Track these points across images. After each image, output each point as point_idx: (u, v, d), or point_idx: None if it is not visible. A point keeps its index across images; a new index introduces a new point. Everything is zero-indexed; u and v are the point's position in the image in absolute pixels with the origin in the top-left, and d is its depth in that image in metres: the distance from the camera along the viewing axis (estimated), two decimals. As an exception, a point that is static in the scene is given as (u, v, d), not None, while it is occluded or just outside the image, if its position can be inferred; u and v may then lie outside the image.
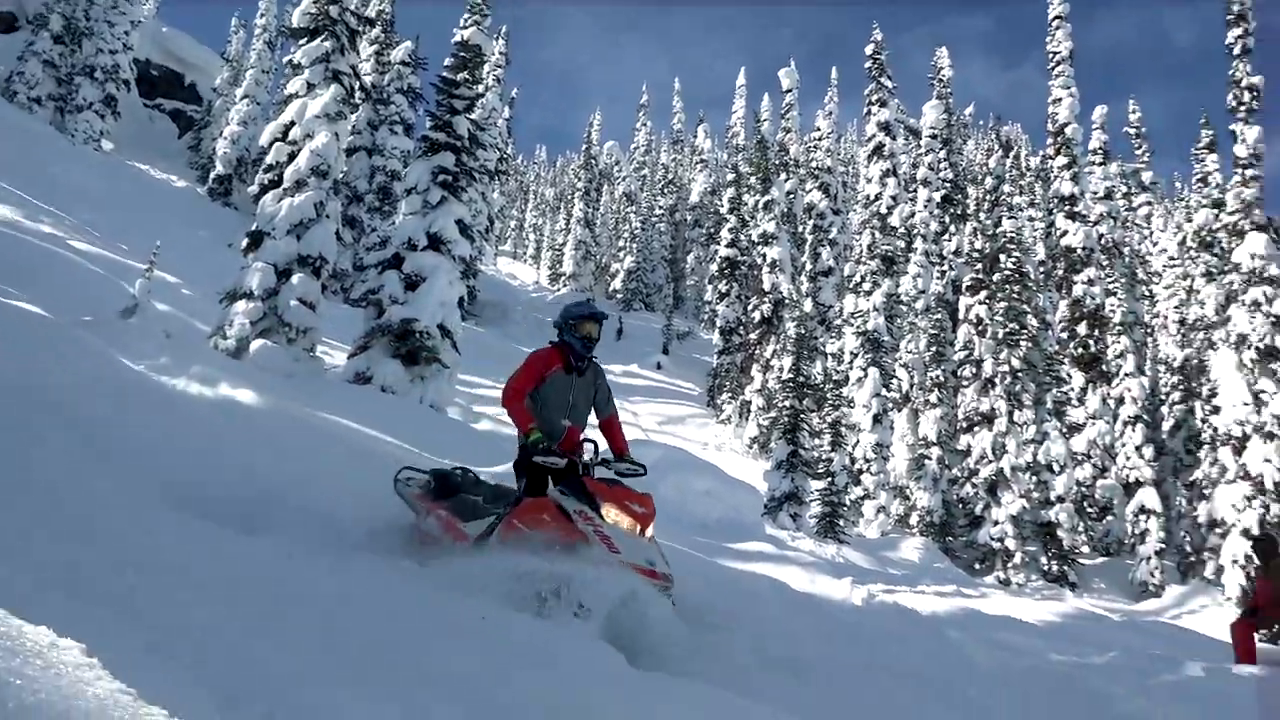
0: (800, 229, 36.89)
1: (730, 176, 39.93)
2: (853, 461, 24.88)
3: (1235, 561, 18.49)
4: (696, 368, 40.04)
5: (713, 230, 49.29)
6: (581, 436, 6.21)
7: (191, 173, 36.61)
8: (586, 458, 6.03)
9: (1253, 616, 10.47)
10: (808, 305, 32.03)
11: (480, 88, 23.24)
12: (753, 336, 33.89)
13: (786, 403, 22.61)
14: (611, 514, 5.49)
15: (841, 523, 20.49)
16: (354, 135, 29.46)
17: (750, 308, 34.85)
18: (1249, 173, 21.11)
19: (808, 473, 21.71)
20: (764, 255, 34.30)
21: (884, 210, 29.59)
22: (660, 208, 56.94)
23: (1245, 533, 18.21)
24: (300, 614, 3.68)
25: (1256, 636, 10.38)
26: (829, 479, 20.99)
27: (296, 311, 15.28)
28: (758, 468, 25.38)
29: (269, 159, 16.65)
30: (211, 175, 35.87)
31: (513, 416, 6.08)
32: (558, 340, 6.33)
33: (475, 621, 4.31)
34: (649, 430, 26.36)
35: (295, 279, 15.40)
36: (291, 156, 16.26)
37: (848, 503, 23.42)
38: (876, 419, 25.64)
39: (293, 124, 16.61)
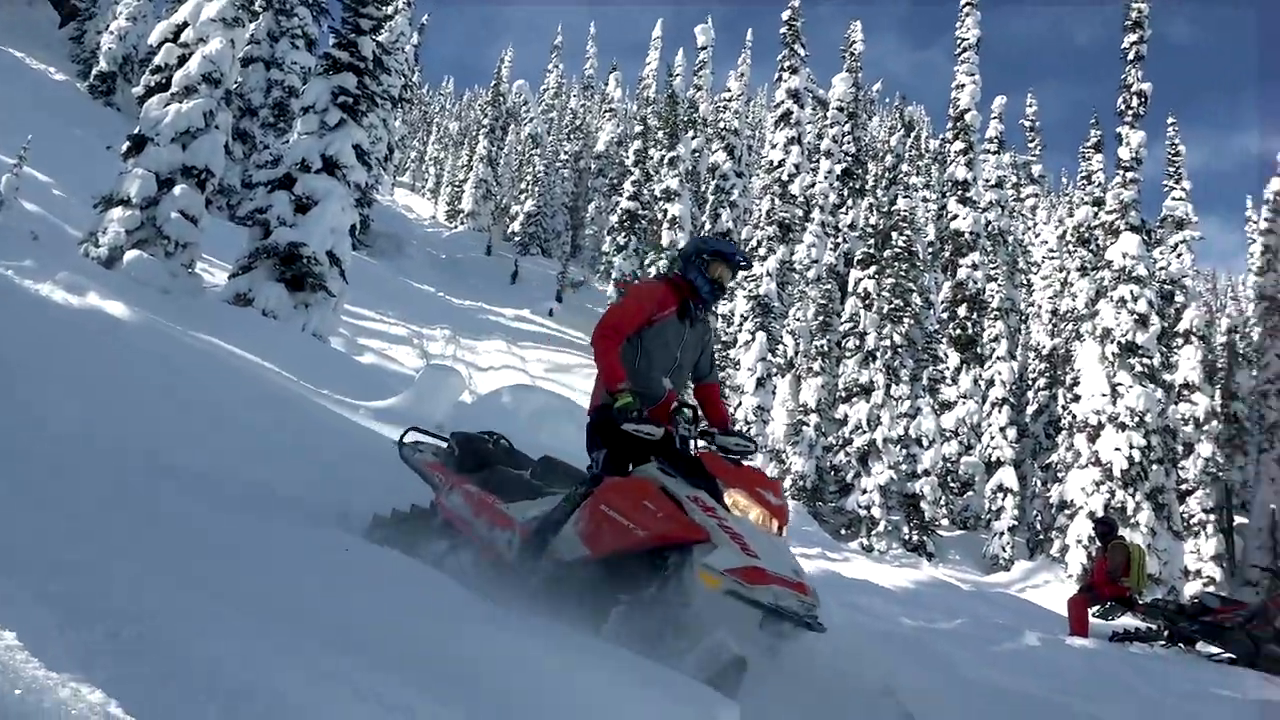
0: (703, 188, 37.03)
1: (638, 129, 39.77)
2: (733, 423, 25.35)
3: (1079, 541, 19.61)
4: (589, 317, 39.96)
5: (616, 181, 49.08)
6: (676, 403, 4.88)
7: (73, 66, 34.42)
8: (683, 429, 4.57)
9: (1088, 593, 11.17)
10: (703, 265, 32.28)
11: (389, 9, 22.47)
12: (647, 291, 33.99)
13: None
14: (739, 502, 4.12)
15: (717, 481, 20.92)
16: (252, 45, 28.10)
17: (647, 262, 34.92)
18: (1129, 175, 22.07)
19: (689, 430, 22.03)
20: (665, 211, 34.36)
21: (785, 178, 29.91)
22: (565, 153, 56.34)
23: (1091, 515, 19.29)
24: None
25: (1090, 611, 11.09)
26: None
27: (177, 224, 14.62)
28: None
29: (158, 60, 15.83)
30: (94, 71, 33.87)
31: (600, 363, 4.65)
32: (677, 275, 4.95)
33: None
34: (536, 377, 26.25)
35: (178, 190, 14.71)
36: (182, 60, 15.46)
37: (725, 462, 23.91)
38: (760, 383, 26.13)
39: (186, 25, 15.78)
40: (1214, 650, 9.66)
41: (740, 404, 25.94)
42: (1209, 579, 21.79)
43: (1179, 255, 26.40)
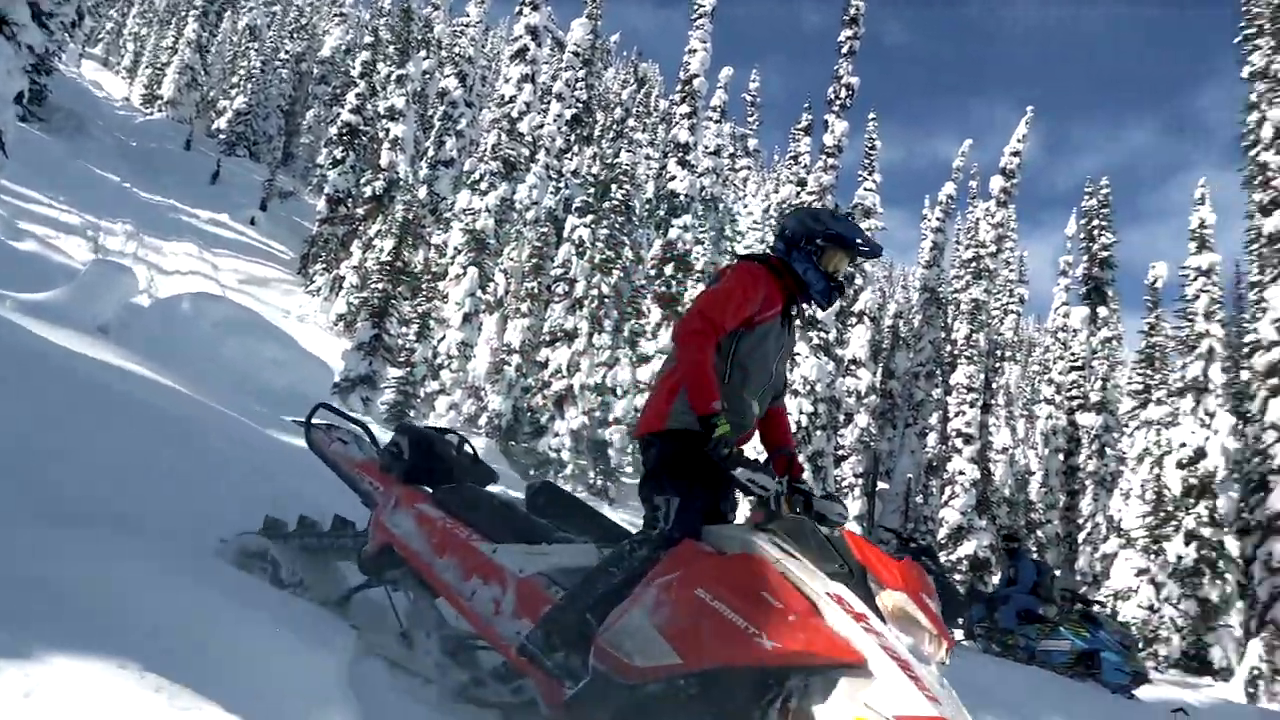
0: (430, 113, 35.86)
1: (368, 39, 37.75)
2: (435, 356, 24.98)
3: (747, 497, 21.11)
4: (294, 231, 37.79)
5: (339, 91, 46.40)
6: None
7: None
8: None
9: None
10: (422, 192, 31.34)
11: None
12: (360, 211, 32.61)
13: (380, 285, 22.10)
14: (902, 612, 2.86)
15: (412, 414, 20.55)
16: None
17: (363, 181, 33.44)
18: (830, 161, 23.73)
19: (388, 359, 21.47)
20: (387, 130, 32.98)
21: (515, 115, 29.56)
22: (287, 52, 52.48)
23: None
24: None
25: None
26: (409, 369, 20.92)
27: None
28: (339, 346, 24.61)
29: None
30: None
31: (688, 367, 3.32)
32: (776, 260, 3.63)
33: None
34: (227, 288, 24.48)
35: None
36: None
37: (422, 395, 23.55)
38: (467, 318, 25.87)
39: None
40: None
41: (445, 337, 25.57)
42: (878, 539, 24.17)
43: (863, 242, 28.77)
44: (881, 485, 28.88)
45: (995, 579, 23.49)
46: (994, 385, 33.00)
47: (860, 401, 26.57)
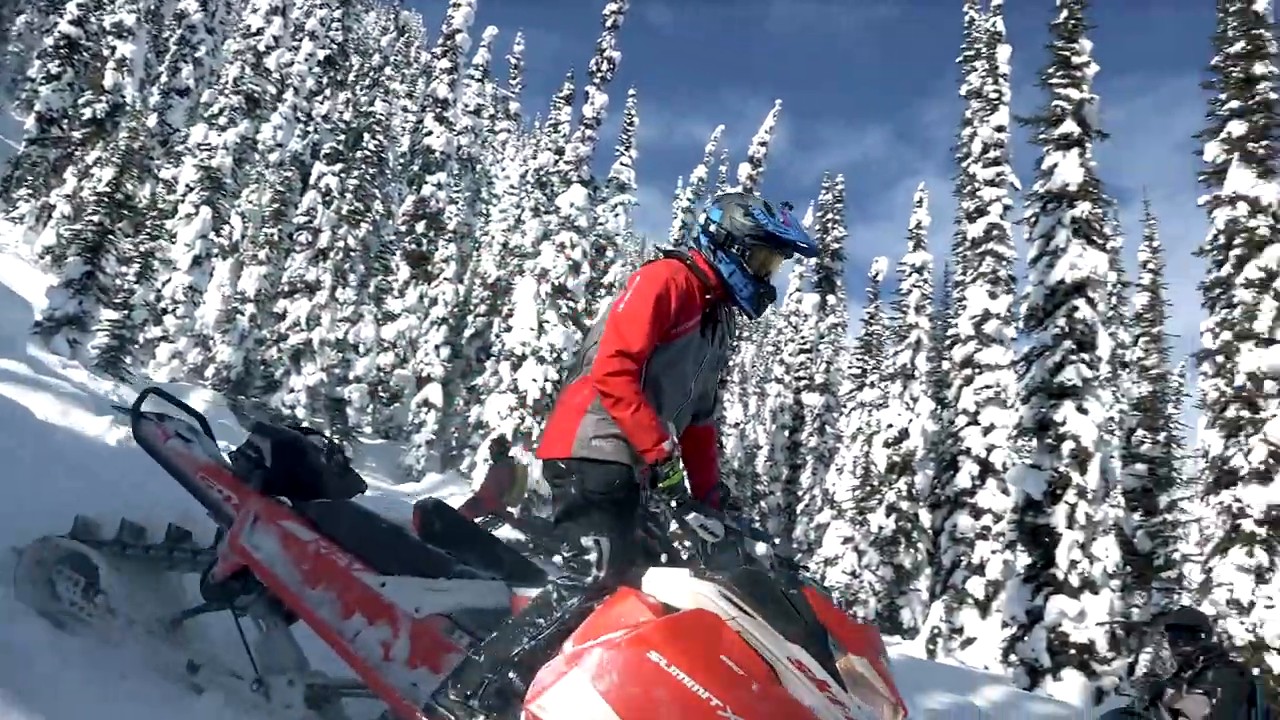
0: (165, 34, 32.96)
1: (96, -55, 34.10)
2: (159, 299, 23.12)
3: (485, 459, 21.08)
4: (-3, 150, 33.70)
5: (60, -1, 41.71)
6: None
7: None
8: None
9: (475, 505, 12.05)
10: (151, 120, 28.82)
11: None
12: (77, 135, 29.51)
13: (97, 218, 20.16)
14: (862, 678, 2.71)
15: (128, 360, 18.97)
16: None
17: (82, 101, 30.25)
18: (589, 132, 23.91)
19: (102, 299, 19.65)
20: (114, 49, 29.97)
21: (263, 48, 27.71)
22: (-3, -52, 46.55)
23: (499, 438, 20.85)
24: None
25: (477, 521, 11.98)
26: (126, 311, 19.27)
27: None
28: (44, 281, 22.23)
29: None
30: None
31: (621, 408, 2.93)
32: (697, 256, 3.23)
33: None
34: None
35: None
36: None
37: (141, 341, 21.76)
38: (197, 261, 24.05)
39: None
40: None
41: (170, 280, 23.70)
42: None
43: (616, 215, 29.28)
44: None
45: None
46: (732, 363, 34.69)
47: (604, 371, 27.14)
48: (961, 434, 20.17)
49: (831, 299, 32.39)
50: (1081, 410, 15.32)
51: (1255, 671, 12.10)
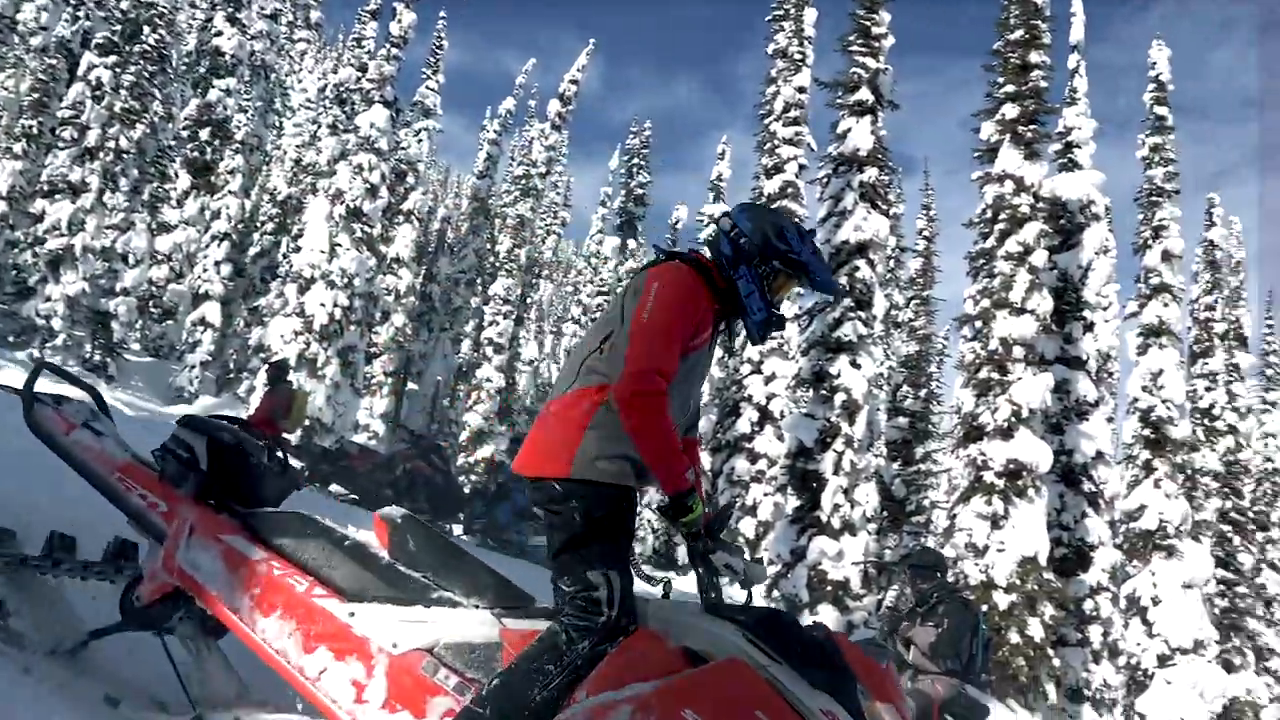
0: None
1: None
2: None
3: (263, 384, 20.17)
4: None
5: None
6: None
7: None
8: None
9: (246, 428, 11.52)
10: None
11: None
12: None
13: None
14: None
15: None
16: None
17: None
18: (395, 51, 22.94)
19: None
20: None
21: (27, -83, 24.86)
22: None
23: (279, 362, 20.00)
24: None
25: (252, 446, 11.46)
26: None
27: None
28: None
29: None
30: None
31: (648, 445, 2.64)
32: (712, 266, 2.95)
33: None
34: None
35: None
36: None
37: None
38: (-62, 149, 21.61)
39: None
40: (342, 490, 10.73)
41: (-96, 168, 21.13)
42: (374, 434, 24.20)
43: (420, 140, 28.40)
44: (411, 386, 29.11)
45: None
46: (529, 300, 34.57)
47: (399, 301, 26.43)
48: (745, 382, 21.00)
49: (632, 243, 32.76)
50: (854, 365, 16.25)
51: (984, 608, 13.42)
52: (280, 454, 3.37)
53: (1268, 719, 18.24)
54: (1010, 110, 15.84)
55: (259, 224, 26.68)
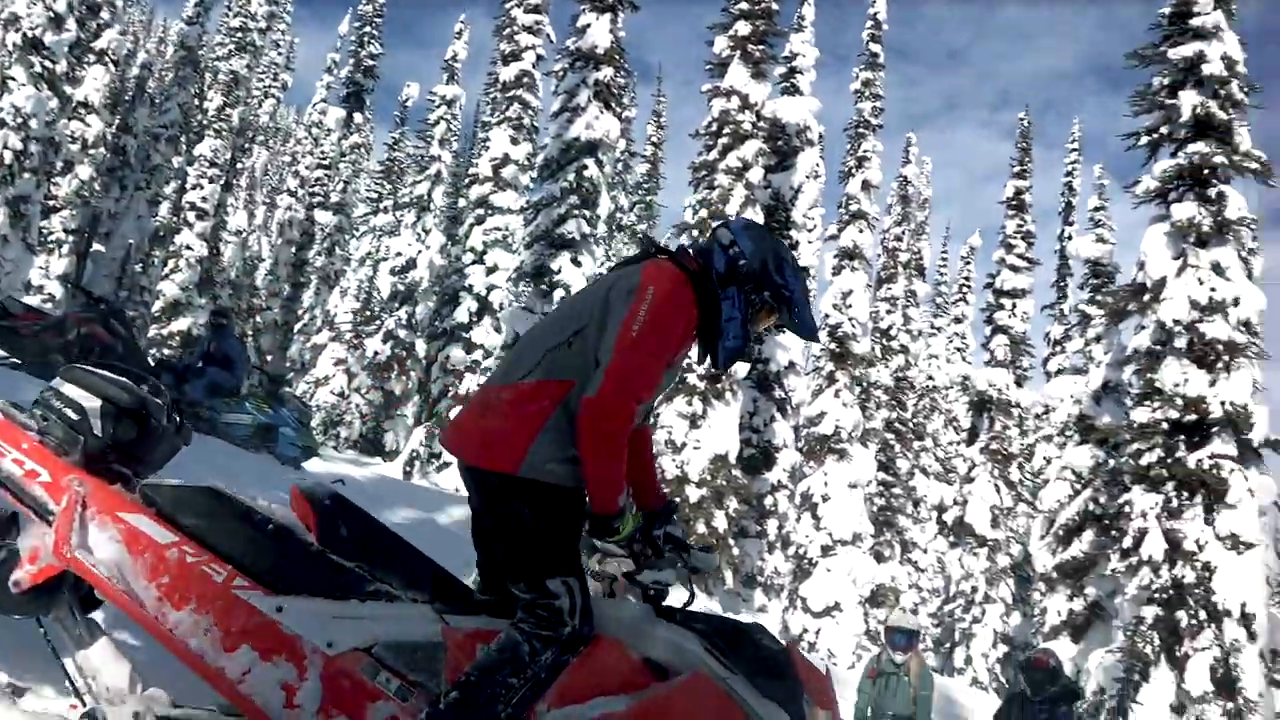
0: None
1: None
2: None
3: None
4: None
5: None
6: None
7: None
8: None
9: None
10: None
11: None
12: None
13: None
14: None
15: None
16: None
17: None
18: None
19: None
20: None
21: None
22: None
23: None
24: None
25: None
26: None
27: None
28: None
29: None
30: None
31: (599, 470, 2.48)
32: (700, 273, 2.71)
33: None
34: None
35: None
36: None
37: None
38: None
39: None
40: (3, 354, 9.64)
41: None
42: (50, 295, 21.88)
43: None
44: (98, 247, 26.38)
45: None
46: (239, 166, 32.15)
47: (86, 151, 23.68)
48: (466, 271, 20.79)
49: (359, 118, 31.11)
50: (575, 263, 16.52)
51: (677, 500, 14.34)
52: (177, 408, 2.89)
53: (905, 601, 20.91)
54: (743, 27, 16.32)
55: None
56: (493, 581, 2.71)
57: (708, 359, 2.78)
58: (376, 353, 21.98)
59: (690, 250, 2.81)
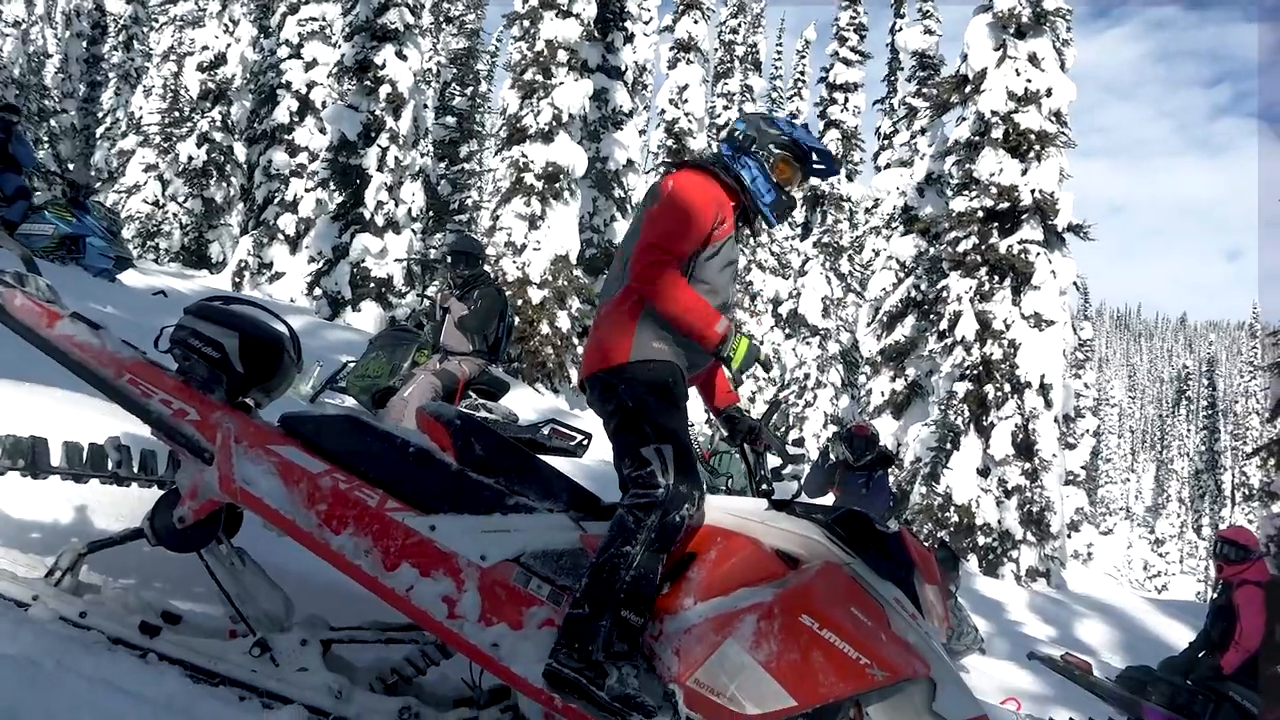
0: None
1: None
2: None
3: None
4: None
5: None
6: None
7: None
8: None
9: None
10: None
11: None
12: None
13: None
14: (935, 610, 2.77)
15: None
16: None
17: None
18: None
19: None
20: None
21: None
22: None
23: None
24: None
25: None
26: None
27: None
28: None
29: None
30: None
31: (669, 307, 2.74)
32: (724, 169, 2.98)
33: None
34: None
35: None
36: None
37: None
38: None
39: None
40: None
41: None
42: None
43: None
44: None
45: None
46: None
47: None
48: (283, 66, 19.37)
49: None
50: (401, 56, 15.62)
51: (518, 302, 14.35)
52: (297, 343, 2.97)
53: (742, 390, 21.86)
54: None
55: None
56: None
57: (767, 225, 3.14)
58: (191, 158, 20.47)
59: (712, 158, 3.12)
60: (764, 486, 3.00)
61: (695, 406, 3.50)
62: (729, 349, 2.76)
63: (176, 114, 21.46)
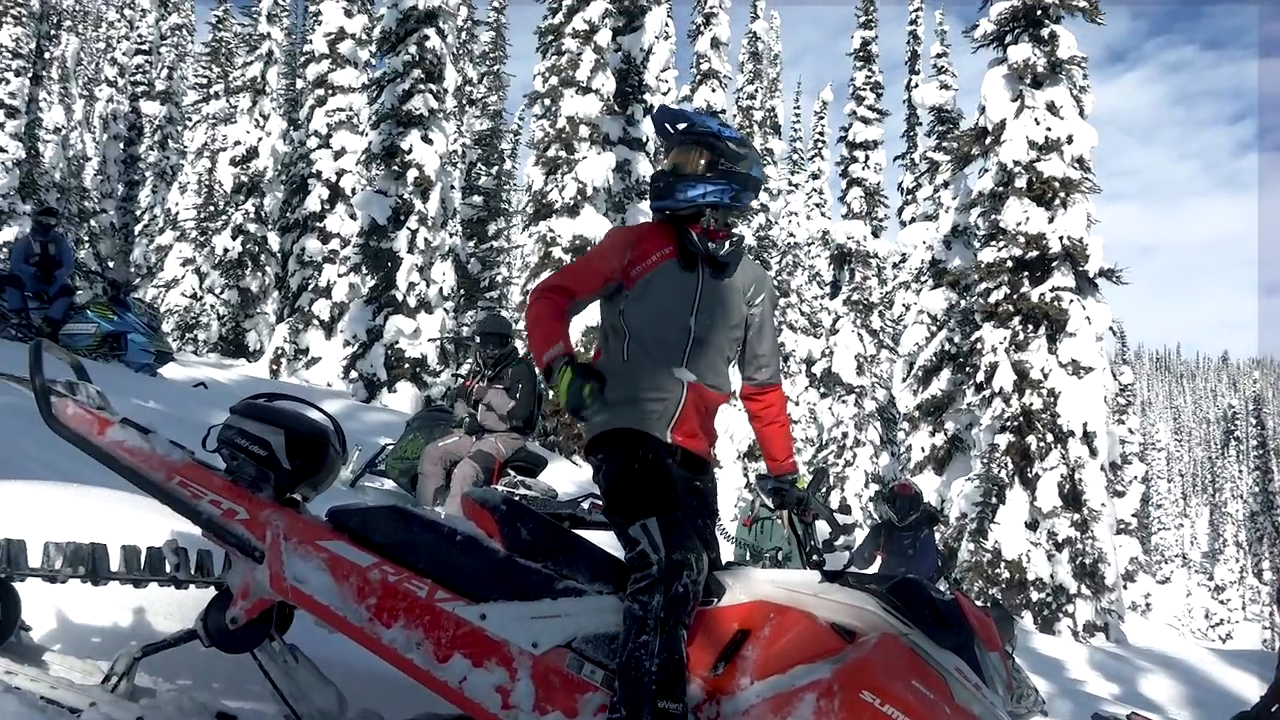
0: None
1: None
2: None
3: None
4: None
5: None
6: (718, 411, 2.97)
7: None
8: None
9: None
10: None
11: None
12: None
13: None
14: (997, 670, 2.67)
15: None
16: None
17: None
18: None
19: None
20: None
21: None
22: None
23: None
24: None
25: None
26: None
27: None
28: None
29: None
30: None
31: (527, 330, 2.75)
32: (658, 214, 2.90)
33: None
34: None
35: None
36: None
37: None
38: None
39: None
40: None
41: None
42: None
43: None
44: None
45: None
46: (48, 55, 29.52)
47: None
48: (313, 156, 19.84)
49: (175, -6, 28.87)
50: (426, 140, 15.94)
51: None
52: (340, 436, 2.95)
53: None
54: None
55: None
56: None
57: (740, 207, 2.93)
58: (226, 250, 20.95)
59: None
60: (815, 558, 2.90)
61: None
62: (553, 382, 2.56)
63: (211, 208, 22.00)
